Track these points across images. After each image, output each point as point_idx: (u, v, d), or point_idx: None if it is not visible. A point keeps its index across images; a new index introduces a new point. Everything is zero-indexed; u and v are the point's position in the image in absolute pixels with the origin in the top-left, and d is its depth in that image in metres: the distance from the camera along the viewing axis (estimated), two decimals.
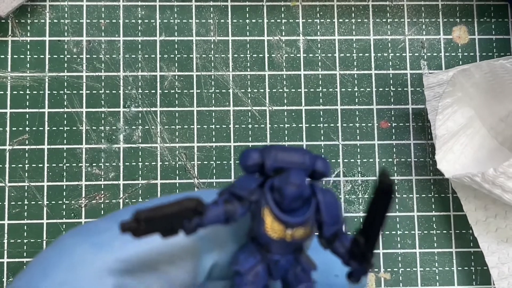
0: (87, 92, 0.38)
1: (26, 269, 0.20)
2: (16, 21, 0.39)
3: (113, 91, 0.39)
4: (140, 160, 0.38)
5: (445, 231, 0.39)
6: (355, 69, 0.40)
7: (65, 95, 0.38)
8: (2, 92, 0.38)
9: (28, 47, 0.39)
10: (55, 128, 0.38)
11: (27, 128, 0.38)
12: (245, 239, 0.22)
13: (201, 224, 0.19)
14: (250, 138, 0.39)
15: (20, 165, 0.38)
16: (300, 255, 0.21)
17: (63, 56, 0.39)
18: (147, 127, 0.38)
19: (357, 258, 0.20)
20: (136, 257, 0.20)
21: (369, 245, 0.19)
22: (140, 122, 0.38)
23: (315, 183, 0.20)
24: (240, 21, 0.40)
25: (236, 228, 0.22)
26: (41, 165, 0.38)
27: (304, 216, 0.19)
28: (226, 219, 0.20)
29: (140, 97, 0.39)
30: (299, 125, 0.39)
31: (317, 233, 0.21)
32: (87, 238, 0.20)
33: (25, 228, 0.37)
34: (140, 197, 0.38)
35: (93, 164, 0.38)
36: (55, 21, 0.39)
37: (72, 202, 0.38)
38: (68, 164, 0.38)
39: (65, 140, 0.38)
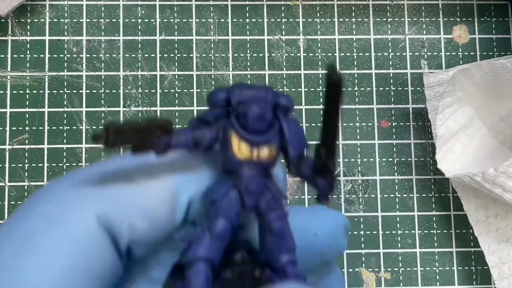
0: (87, 91, 0.38)
1: (15, 210, 0.21)
2: (16, 20, 0.39)
3: (113, 91, 0.38)
4: None
5: (445, 231, 0.39)
6: (355, 68, 0.40)
7: (65, 95, 0.38)
8: (2, 92, 0.38)
9: (28, 47, 0.38)
10: (55, 128, 0.38)
11: (27, 128, 0.38)
12: (219, 175, 0.23)
13: (171, 145, 0.21)
14: None
15: (20, 165, 0.38)
16: (269, 182, 0.22)
17: (63, 55, 0.39)
18: None
19: (321, 171, 0.21)
20: (115, 190, 0.21)
21: (329, 152, 0.20)
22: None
23: (278, 112, 0.22)
24: (240, 20, 0.40)
25: (210, 164, 0.23)
26: (41, 164, 0.38)
27: (267, 135, 0.21)
28: (194, 143, 0.21)
29: (140, 96, 0.39)
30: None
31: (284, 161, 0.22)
32: (70, 177, 0.21)
33: None
34: None
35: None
36: (55, 20, 0.39)
37: None
38: (68, 164, 0.38)
39: (65, 140, 0.38)
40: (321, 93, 0.39)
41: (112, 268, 0.21)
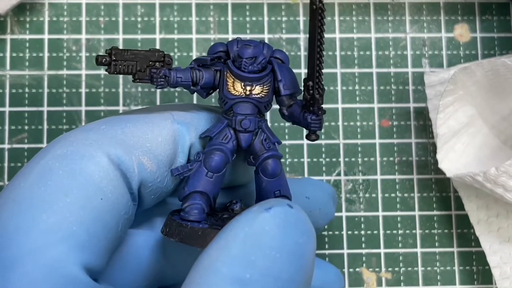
0: (86, 90, 0.38)
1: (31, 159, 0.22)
2: (15, 19, 0.39)
3: (113, 90, 0.38)
4: None
5: (446, 231, 0.38)
6: (356, 67, 0.40)
7: (64, 94, 0.38)
8: (1, 91, 0.38)
9: (27, 45, 0.38)
10: (54, 127, 0.38)
11: (26, 127, 0.38)
12: (216, 117, 0.25)
13: (169, 77, 0.22)
14: None
15: (19, 164, 0.37)
16: (263, 122, 0.24)
17: (62, 54, 0.38)
18: None
19: (310, 104, 0.22)
20: (123, 134, 0.22)
21: (315, 83, 0.22)
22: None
23: (273, 59, 0.24)
24: (241, 19, 0.39)
25: (207, 108, 0.25)
26: None
27: (259, 74, 0.23)
28: (192, 82, 0.23)
29: (139, 95, 0.38)
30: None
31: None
32: (78, 128, 0.23)
33: None
34: None
35: None
36: (54, 19, 0.39)
37: None
38: None
39: None
40: None
41: (125, 206, 0.22)
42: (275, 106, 0.25)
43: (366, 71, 0.40)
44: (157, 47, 0.39)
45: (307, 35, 0.40)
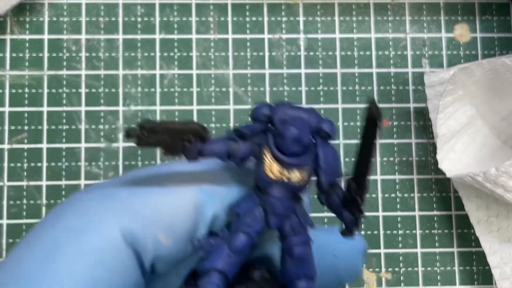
0: (86, 90, 0.38)
1: (38, 223, 0.21)
2: (15, 19, 0.39)
3: (112, 90, 0.38)
4: (139, 159, 0.38)
5: (446, 231, 0.38)
6: (356, 67, 0.40)
7: (64, 94, 0.38)
8: (1, 91, 0.38)
9: (27, 45, 0.38)
10: (54, 127, 0.38)
11: (25, 127, 0.38)
12: (247, 191, 0.22)
13: (203, 152, 0.20)
14: None
15: (18, 164, 0.37)
16: (297, 206, 0.22)
17: (62, 54, 0.38)
18: None
19: (350, 205, 0.20)
20: (141, 205, 0.21)
21: (359, 187, 0.20)
22: (139, 120, 0.38)
23: (317, 137, 0.21)
24: (240, 19, 0.39)
25: (238, 179, 0.23)
26: (40, 164, 0.37)
27: (301, 158, 0.21)
28: (228, 154, 0.21)
29: (139, 95, 0.38)
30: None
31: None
32: (93, 191, 0.21)
33: (24, 227, 0.37)
34: None
35: (92, 163, 0.38)
36: (54, 19, 0.39)
37: None
38: (67, 163, 0.38)
39: (64, 139, 0.38)
40: (321, 92, 0.39)
41: (134, 283, 0.20)
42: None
43: (366, 71, 0.40)
44: (157, 47, 0.39)
45: (307, 35, 0.40)
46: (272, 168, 0.21)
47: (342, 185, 0.21)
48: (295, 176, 0.21)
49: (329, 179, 0.21)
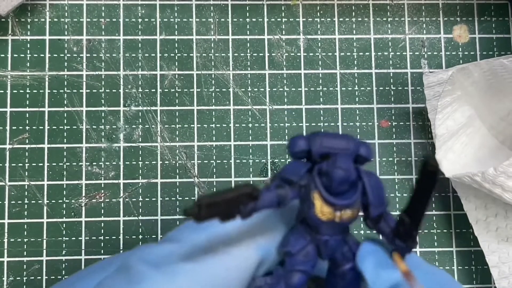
0: (87, 91, 0.38)
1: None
2: (16, 20, 0.39)
3: (113, 90, 0.39)
4: (140, 159, 0.38)
5: (445, 230, 0.39)
6: (356, 68, 0.40)
7: (65, 94, 0.38)
8: (2, 91, 0.38)
9: (28, 46, 0.39)
10: (55, 127, 0.38)
11: (27, 127, 0.38)
12: (293, 223, 0.22)
13: (256, 209, 0.20)
14: (250, 137, 0.39)
15: (20, 164, 0.38)
16: (347, 235, 0.22)
17: (63, 55, 0.39)
18: (147, 126, 0.38)
19: (402, 237, 0.21)
20: (210, 276, 0.21)
21: (414, 224, 0.20)
22: (140, 121, 0.38)
23: (360, 167, 0.21)
24: (241, 19, 0.40)
25: (284, 215, 0.23)
26: (41, 164, 0.38)
27: (352, 198, 0.21)
28: (278, 203, 0.21)
29: (140, 96, 0.39)
30: (299, 124, 0.39)
31: (362, 214, 0.22)
32: (141, 258, 0.21)
33: (25, 227, 0.37)
34: (140, 196, 0.38)
35: (93, 163, 0.38)
36: (55, 20, 0.39)
37: (72, 201, 0.38)
38: (68, 163, 0.38)
39: (65, 139, 0.38)
40: (321, 92, 0.39)
41: None
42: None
43: (365, 71, 0.40)
44: (158, 47, 0.39)
45: (307, 36, 0.40)
46: (323, 210, 0.21)
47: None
48: (346, 214, 0.21)
49: (378, 211, 0.21)
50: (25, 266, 0.37)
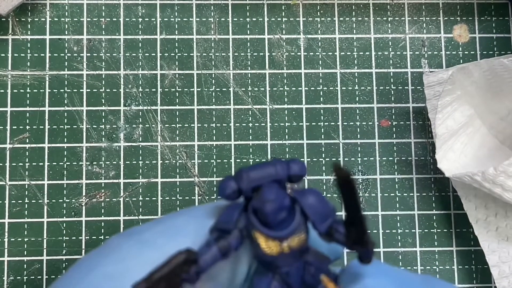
0: (87, 90, 0.38)
1: (73, 265, 0.21)
2: (17, 19, 0.39)
3: (114, 90, 0.39)
4: (140, 159, 0.38)
5: (445, 230, 0.39)
6: (356, 67, 0.40)
7: (66, 94, 0.38)
8: (3, 91, 0.38)
9: (29, 46, 0.39)
10: (55, 127, 0.38)
11: (27, 127, 0.38)
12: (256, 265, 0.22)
13: (200, 270, 0.20)
14: (250, 136, 0.39)
15: (20, 164, 0.38)
16: (307, 257, 0.21)
17: (63, 54, 0.39)
18: (148, 125, 0.38)
19: (357, 242, 0.20)
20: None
21: (359, 227, 0.20)
22: (140, 120, 0.38)
23: (294, 187, 0.21)
24: (241, 19, 0.40)
25: (242, 257, 0.22)
26: (42, 163, 0.38)
27: (292, 225, 0.20)
28: (223, 255, 0.20)
29: (140, 95, 0.39)
30: (300, 124, 0.39)
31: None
32: (131, 236, 0.21)
33: (26, 226, 0.37)
34: (140, 196, 0.38)
35: (94, 163, 0.38)
36: (55, 19, 0.39)
37: (73, 200, 0.38)
38: (69, 163, 0.38)
39: (65, 139, 0.38)
40: (321, 92, 0.39)
41: None
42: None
43: (365, 71, 0.40)
44: (158, 47, 0.39)
45: (307, 36, 0.40)
46: (270, 245, 0.20)
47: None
48: (294, 242, 0.20)
49: (326, 225, 0.21)
50: (25, 265, 0.37)
